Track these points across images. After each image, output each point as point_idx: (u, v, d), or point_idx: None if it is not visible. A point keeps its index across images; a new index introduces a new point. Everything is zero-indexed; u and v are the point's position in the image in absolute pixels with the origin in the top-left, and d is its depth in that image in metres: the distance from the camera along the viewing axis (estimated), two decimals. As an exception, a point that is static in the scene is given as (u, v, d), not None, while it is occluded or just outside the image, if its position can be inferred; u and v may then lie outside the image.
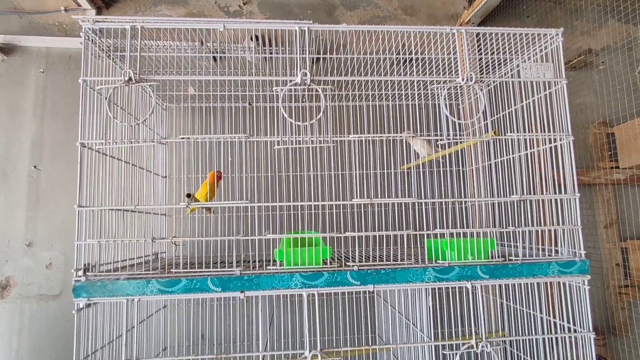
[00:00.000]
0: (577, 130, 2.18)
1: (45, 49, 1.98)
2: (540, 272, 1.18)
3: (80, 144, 1.14)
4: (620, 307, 2.03)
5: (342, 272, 1.13)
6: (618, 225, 2.10)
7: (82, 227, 1.12)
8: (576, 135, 1.24)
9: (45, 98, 1.95)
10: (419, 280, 1.14)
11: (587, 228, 2.08)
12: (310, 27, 1.21)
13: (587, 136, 2.20)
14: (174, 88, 1.76)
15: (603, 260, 2.09)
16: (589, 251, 1.21)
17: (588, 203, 2.11)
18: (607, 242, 2.10)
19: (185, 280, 1.09)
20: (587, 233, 2.06)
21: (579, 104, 2.23)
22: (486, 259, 1.19)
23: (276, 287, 1.11)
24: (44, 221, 1.87)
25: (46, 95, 1.95)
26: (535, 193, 1.34)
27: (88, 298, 1.07)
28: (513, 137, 1.25)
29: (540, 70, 1.27)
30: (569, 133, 1.26)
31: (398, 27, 1.23)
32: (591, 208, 2.12)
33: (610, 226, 2.10)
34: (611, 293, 2.07)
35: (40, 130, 1.92)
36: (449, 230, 1.19)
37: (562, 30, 1.29)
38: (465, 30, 1.24)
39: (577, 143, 2.02)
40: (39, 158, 1.91)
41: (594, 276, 2.04)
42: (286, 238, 1.33)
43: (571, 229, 1.23)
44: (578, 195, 1.23)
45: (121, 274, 1.10)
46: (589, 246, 1.21)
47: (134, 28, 1.17)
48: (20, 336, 1.80)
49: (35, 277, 1.84)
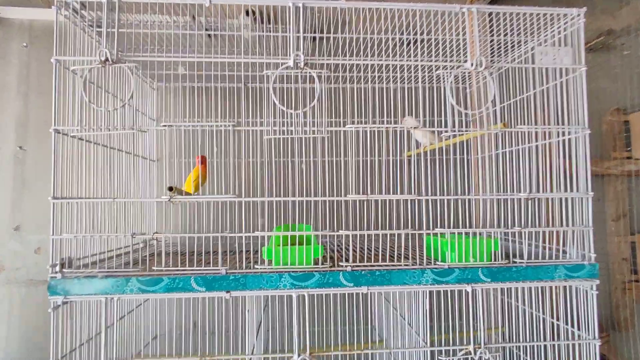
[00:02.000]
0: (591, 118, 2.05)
1: (28, 22, 1.86)
2: (546, 276, 1.11)
3: (54, 130, 1.05)
4: (625, 302, 1.97)
5: (335, 272, 1.06)
6: (628, 219, 2.01)
7: (58, 220, 1.05)
8: (589, 122, 1.14)
9: (29, 74, 1.85)
10: (415, 283, 1.07)
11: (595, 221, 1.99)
12: (305, 3, 1.10)
13: (601, 124, 2.08)
14: (162, 67, 1.64)
15: (610, 253, 2.02)
16: (596, 244, 1.13)
17: (598, 194, 2.02)
18: (615, 235, 2.02)
19: (168, 279, 1.02)
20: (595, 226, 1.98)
21: (594, 89, 2.09)
22: (488, 261, 1.12)
23: (264, 287, 1.04)
24: (31, 204, 1.80)
25: (30, 71, 1.85)
26: (544, 189, 1.24)
27: (64, 296, 1.01)
28: (524, 130, 1.15)
29: (558, 55, 1.15)
30: (585, 126, 1.16)
31: (403, 4, 1.11)
32: (600, 200, 2.03)
33: (619, 219, 2.02)
34: (616, 288, 2.00)
35: (25, 109, 1.83)
36: (450, 230, 1.11)
37: (585, 10, 1.16)
38: (477, 9, 1.12)
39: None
40: (24, 138, 1.82)
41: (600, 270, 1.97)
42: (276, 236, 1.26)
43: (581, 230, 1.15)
44: (591, 194, 1.14)
45: (99, 272, 1.03)
46: (595, 240, 1.13)
47: (110, 1, 1.06)
48: (10, 320, 1.77)
49: (23, 262, 1.79)
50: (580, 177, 1.17)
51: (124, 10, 1.12)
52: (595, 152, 2.04)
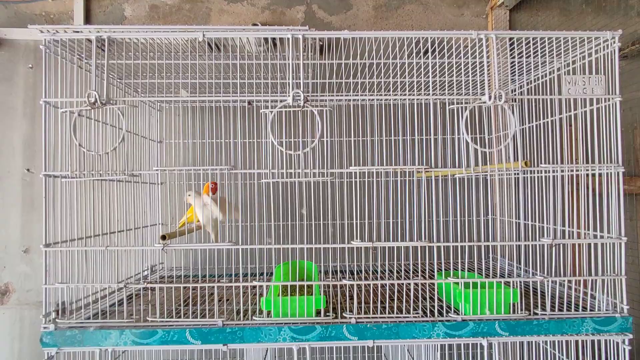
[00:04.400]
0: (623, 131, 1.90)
1: (33, 43, 1.84)
2: (571, 330, 1.01)
3: (44, 175, 1.01)
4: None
5: (338, 325, 0.99)
6: (662, 241, 1.85)
7: (51, 268, 1.01)
8: (622, 155, 1.02)
9: (35, 96, 1.83)
10: (426, 337, 0.99)
11: (628, 242, 1.84)
12: (305, 34, 1.01)
13: (634, 137, 1.92)
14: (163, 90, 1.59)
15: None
16: (629, 267, 1.02)
17: (630, 213, 1.87)
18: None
19: (162, 332, 0.97)
20: (628, 247, 1.84)
21: (627, 99, 1.92)
22: (507, 312, 1.02)
23: (262, 341, 0.98)
24: (40, 226, 1.79)
25: (36, 93, 1.83)
26: (571, 224, 1.13)
27: (58, 348, 0.98)
28: (548, 169, 1.04)
29: (588, 84, 1.03)
30: (619, 163, 1.04)
31: (412, 32, 1.00)
32: (633, 219, 1.88)
33: (653, 241, 1.86)
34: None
35: (31, 131, 1.81)
36: (464, 280, 1.02)
37: (620, 33, 1.03)
38: (496, 34, 1.01)
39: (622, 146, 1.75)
40: (31, 160, 1.81)
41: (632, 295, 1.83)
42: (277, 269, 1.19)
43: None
44: (625, 239, 1.03)
45: (92, 323, 0.99)
46: (630, 262, 1.02)
47: (100, 39, 1.00)
48: (22, 342, 1.78)
49: (33, 284, 1.79)
50: (612, 218, 1.05)
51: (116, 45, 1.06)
52: (627, 169, 1.88)
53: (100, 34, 0.99)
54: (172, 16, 1.84)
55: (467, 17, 1.82)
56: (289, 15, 1.84)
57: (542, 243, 1.03)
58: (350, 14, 1.84)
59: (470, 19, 1.81)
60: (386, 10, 1.84)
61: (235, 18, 1.84)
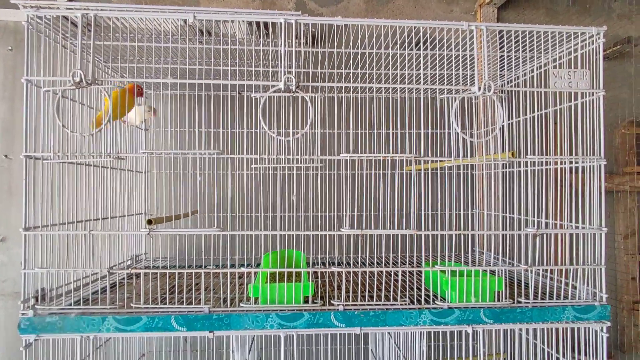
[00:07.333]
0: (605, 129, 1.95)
1: (13, 24, 1.77)
2: (553, 317, 1.03)
3: (24, 156, 0.98)
4: (631, 323, 1.89)
5: (326, 312, 0.99)
6: (637, 237, 1.92)
7: (31, 252, 0.98)
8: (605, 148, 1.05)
9: (15, 79, 1.76)
10: (412, 324, 1.00)
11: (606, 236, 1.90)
12: (298, 19, 1.00)
13: (614, 137, 1.98)
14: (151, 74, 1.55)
15: (617, 273, 1.94)
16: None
17: (608, 210, 1.93)
18: (624, 254, 1.93)
19: (146, 319, 0.95)
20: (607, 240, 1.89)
21: (609, 98, 1.98)
22: (491, 300, 1.04)
23: (249, 328, 0.97)
24: (18, 215, 1.74)
25: (16, 76, 1.76)
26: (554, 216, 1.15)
27: (37, 335, 0.95)
28: (534, 160, 1.06)
29: (573, 78, 1.06)
30: (601, 156, 1.07)
31: (405, 21, 1.01)
32: (610, 217, 1.94)
33: (629, 237, 1.93)
34: (623, 308, 1.93)
35: (10, 116, 1.75)
36: (451, 268, 1.03)
37: (605, 29, 1.06)
38: (487, 27, 1.02)
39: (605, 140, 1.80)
40: (10, 146, 1.75)
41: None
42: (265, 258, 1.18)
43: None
44: (605, 229, 1.06)
45: (73, 309, 0.97)
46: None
47: (86, 16, 0.97)
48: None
49: (10, 274, 1.73)
50: (594, 209, 1.08)
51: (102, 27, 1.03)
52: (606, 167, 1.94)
53: (87, 12, 0.96)
54: (160, 2, 1.81)
55: (456, 14, 1.84)
56: (279, 4, 1.82)
57: (526, 233, 1.05)
58: (341, 6, 1.84)
59: (459, 15, 1.83)
60: (377, 3, 1.84)
61: (224, 6, 1.81)
